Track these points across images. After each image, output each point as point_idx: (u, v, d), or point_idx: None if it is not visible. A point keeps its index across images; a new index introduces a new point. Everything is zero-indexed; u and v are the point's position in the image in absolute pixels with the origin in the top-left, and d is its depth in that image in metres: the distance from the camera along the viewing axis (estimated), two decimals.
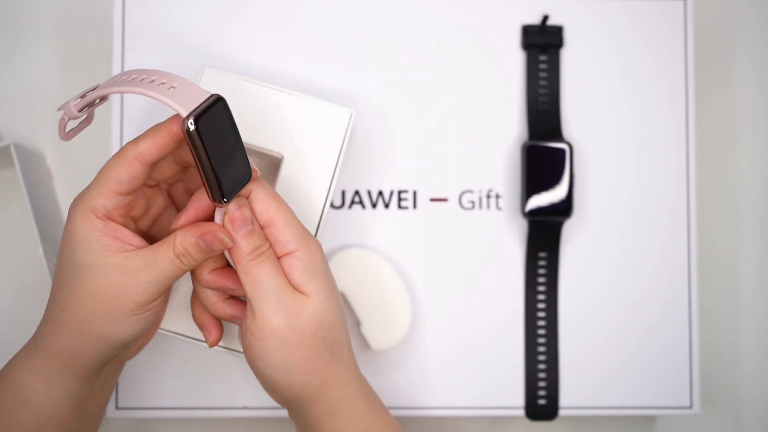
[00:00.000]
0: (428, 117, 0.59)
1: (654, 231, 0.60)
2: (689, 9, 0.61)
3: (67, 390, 0.45)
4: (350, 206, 0.59)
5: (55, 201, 0.63)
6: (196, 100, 0.40)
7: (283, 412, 0.58)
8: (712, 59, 0.66)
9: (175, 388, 0.57)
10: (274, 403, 0.58)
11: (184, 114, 0.39)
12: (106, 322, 0.42)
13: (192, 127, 0.39)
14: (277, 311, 0.42)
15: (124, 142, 0.58)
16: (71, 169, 0.63)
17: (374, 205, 0.59)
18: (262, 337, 0.43)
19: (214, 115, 0.40)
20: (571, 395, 0.59)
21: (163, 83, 0.41)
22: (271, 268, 0.43)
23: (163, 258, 0.42)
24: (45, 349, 0.44)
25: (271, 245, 0.43)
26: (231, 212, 0.43)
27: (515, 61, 0.60)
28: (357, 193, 0.59)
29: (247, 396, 0.58)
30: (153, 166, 0.42)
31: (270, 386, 0.45)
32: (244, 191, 0.43)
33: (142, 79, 0.41)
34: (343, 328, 0.45)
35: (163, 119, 0.43)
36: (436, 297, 0.59)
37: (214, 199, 0.41)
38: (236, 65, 0.58)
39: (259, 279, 0.42)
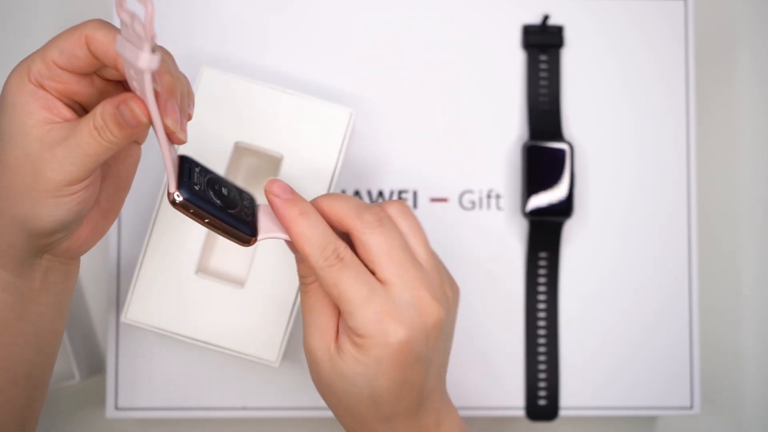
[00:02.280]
0: (428, 117, 0.59)
1: (654, 231, 0.60)
2: (689, 9, 0.61)
3: None
4: None
5: None
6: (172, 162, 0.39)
7: (283, 413, 0.58)
8: (712, 59, 0.66)
9: (175, 388, 0.57)
10: (275, 404, 0.58)
11: (172, 190, 0.39)
12: (22, 201, 0.38)
13: (180, 199, 0.39)
14: (370, 320, 0.39)
15: None
16: None
17: None
18: (353, 350, 0.40)
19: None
20: (571, 395, 0.59)
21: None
22: (355, 270, 0.39)
23: (83, 130, 0.37)
24: None
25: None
26: (268, 184, 0.41)
27: (515, 61, 0.60)
28: (357, 193, 0.59)
29: (247, 396, 0.57)
30: (100, 61, 0.38)
31: (372, 403, 0.41)
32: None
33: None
34: (445, 340, 0.44)
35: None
36: None
37: (245, 243, 0.41)
38: (236, 65, 0.58)
39: (343, 285, 0.39)
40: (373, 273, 0.40)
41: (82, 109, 0.40)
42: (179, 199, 0.38)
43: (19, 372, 0.43)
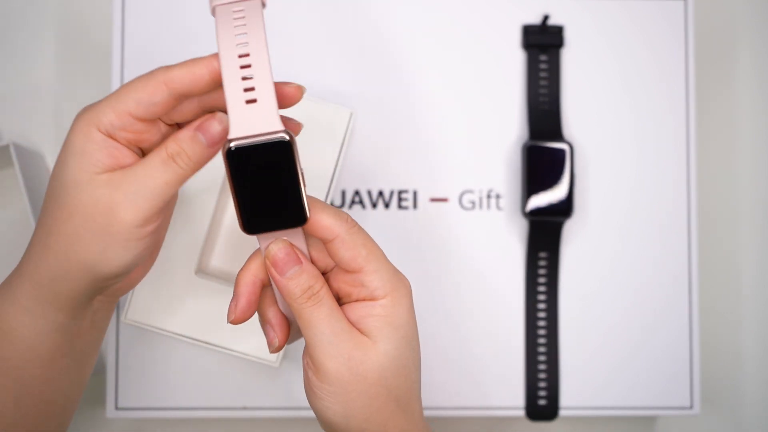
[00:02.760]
0: (428, 117, 0.59)
1: (654, 231, 0.60)
2: (689, 9, 0.61)
3: (51, 323, 0.41)
4: (350, 206, 0.59)
5: None
6: (257, 128, 0.36)
7: (283, 413, 0.58)
8: (712, 59, 0.66)
9: (175, 388, 0.57)
10: (275, 404, 0.58)
11: (231, 135, 0.36)
12: (93, 246, 0.38)
13: (232, 148, 0.36)
14: (334, 356, 0.39)
15: None
16: None
17: (374, 205, 0.59)
18: (320, 379, 0.40)
19: (264, 153, 0.36)
20: (571, 395, 0.59)
21: (247, 89, 0.37)
22: (325, 310, 0.39)
23: (155, 162, 0.38)
24: (28, 277, 0.40)
25: (353, 287, 0.40)
26: (271, 254, 0.39)
27: (515, 61, 0.60)
28: (357, 193, 0.59)
29: (247, 396, 0.57)
30: (179, 99, 0.39)
31: (327, 426, 0.42)
32: (322, 227, 0.39)
33: (242, 66, 0.37)
34: (414, 378, 0.42)
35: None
36: (436, 297, 0.59)
37: (240, 226, 0.38)
38: None
39: (314, 323, 0.39)
40: (356, 271, 0.40)
41: (142, 154, 0.40)
42: (232, 148, 0.36)
43: (57, 403, 0.43)
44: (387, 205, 0.59)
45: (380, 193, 0.59)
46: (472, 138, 0.60)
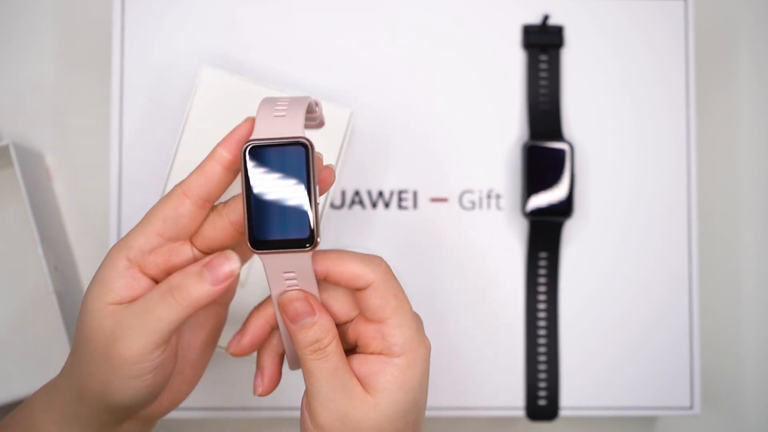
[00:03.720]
0: (428, 117, 0.59)
1: (654, 231, 0.60)
2: (690, 9, 0.61)
3: None
4: (350, 206, 0.59)
5: (55, 201, 0.63)
6: (279, 132, 0.37)
7: (283, 414, 0.58)
8: (712, 59, 0.66)
9: None
10: (275, 404, 0.58)
11: (252, 136, 0.37)
12: (98, 377, 0.38)
13: (250, 146, 0.36)
14: (331, 411, 0.38)
15: (124, 139, 0.58)
16: (70, 169, 0.63)
17: (374, 205, 0.59)
18: (314, 425, 0.39)
19: (283, 155, 0.36)
20: (571, 395, 0.59)
21: (279, 107, 0.38)
22: (329, 366, 0.38)
23: (154, 295, 0.37)
24: (60, 390, 0.40)
25: (372, 338, 0.39)
26: (283, 303, 0.39)
27: (516, 60, 0.60)
28: (357, 193, 0.59)
29: (247, 396, 0.57)
30: (203, 205, 0.38)
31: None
32: (355, 275, 0.39)
33: (274, 105, 0.38)
34: None
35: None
36: (435, 297, 0.59)
37: (247, 241, 0.37)
38: (236, 65, 0.58)
39: (316, 376, 0.38)
40: (381, 321, 0.40)
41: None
42: (247, 149, 0.36)
43: None
44: (387, 205, 0.59)
45: (380, 193, 0.59)
46: (472, 138, 0.60)
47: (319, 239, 0.37)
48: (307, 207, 0.37)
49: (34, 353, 0.60)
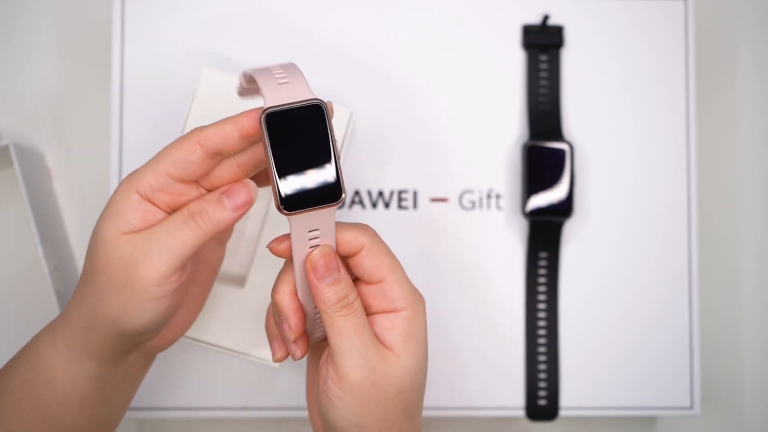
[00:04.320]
0: (428, 117, 0.59)
1: (654, 231, 0.60)
2: (689, 9, 0.61)
3: (84, 372, 0.42)
4: (350, 206, 0.59)
5: (55, 201, 0.63)
6: (290, 97, 0.38)
7: (283, 413, 0.58)
8: (712, 59, 0.66)
9: (176, 388, 0.57)
10: (275, 404, 0.58)
11: (266, 105, 0.38)
12: (115, 303, 0.39)
13: (263, 117, 0.37)
14: (361, 368, 0.40)
15: (124, 139, 0.58)
16: (71, 169, 0.63)
17: (374, 205, 0.59)
18: (341, 388, 0.40)
19: (300, 118, 0.38)
20: (571, 395, 0.59)
21: (278, 76, 0.39)
22: (358, 321, 0.40)
23: (176, 219, 0.39)
24: (67, 323, 0.42)
25: (374, 298, 0.41)
26: (314, 260, 0.40)
27: (516, 60, 0.60)
28: (357, 193, 0.59)
29: (247, 396, 0.57)
30: (214, 158, 0.40)
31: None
32: (348, 241, 0.41)
33: (271, 74, 0.39)
34: (423, 391, 0.43)
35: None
36: (435, 297, 0.59)
37: (277, 205, 0.38)
38: (236, 65, 0.58)
39: (346, 332, 0.40)
40: (379, 281, 0.41)
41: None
42: (263, 117, 0.37)
43: None
44: (387, 205, 0.59)
45: (380, 193, 0.59)
46: (472, 138, 0.60)
47: (344, 194, 0.39)
48: (331, 163, 0.38)
49: None
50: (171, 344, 0.46)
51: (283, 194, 0.38)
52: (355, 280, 0.42)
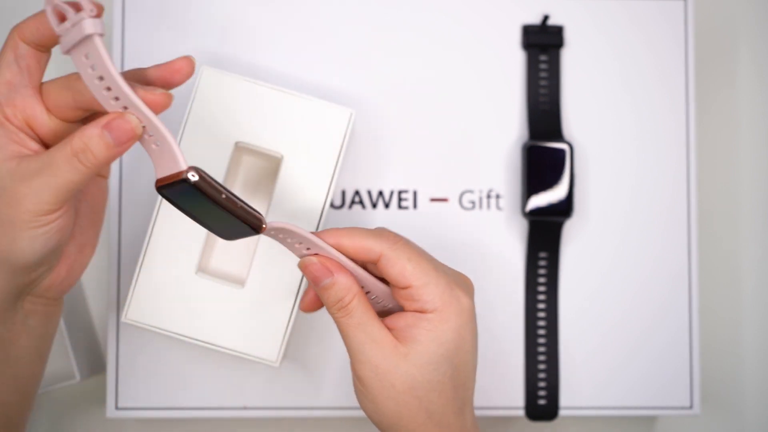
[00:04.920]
0: (428, 117, 0.59)
1: (654, 231, 0.60)
2: (689, 9, 0.61)
3: None
4: (350, 206, 0.59)
5: None
6: (168, 168, 0.38)
7: (283, 413, 0.58)
8: (712, 59, 0.66)
9: (175, 388, 0.57)
10: (275, 404, 0.58)
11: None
12: (2, 238, 0.39)
13: (195, 179, 0.37)
14: (364, 363, 0.41)
15: None
16: None
17: (374, 205, 0.59)
18: (356, 379, 0.43)
19: (184, 191, 0.38)
20: (571, 395, 0.59)
21: (150, 136, 0.39)
22: (354, 321, 0.42)
23: (60, 157, 0.38)
24: None
25: (406, 300, 0.42)
26: (303, 264, 0.42)
27: (515, 60, 0.60)
28: (357, 193, 0.59)
29: (247, 396, 0.57)
30: (39, 49, 0.40)
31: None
32: (362, 249, 0.42)
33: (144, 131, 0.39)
34: (450, 396, 0.42)
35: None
36: None
37: (255, 227, 0.39)
38: (236, 65, 0.58)
39: (346, 332, 0.42)
40: (406, 287, 0.42)
41: (46, 147, 0.41)
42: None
43: None
44: (387, 205, 0.59)
45: (380, 193, 0.59)
46: (472, 138, 0.60)
47: (264, 225, 0.40)
48: (234, 211, 0.39)
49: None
50: (68, 288, 0.45)
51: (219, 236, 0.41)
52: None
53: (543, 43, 0.60)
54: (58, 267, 0.44)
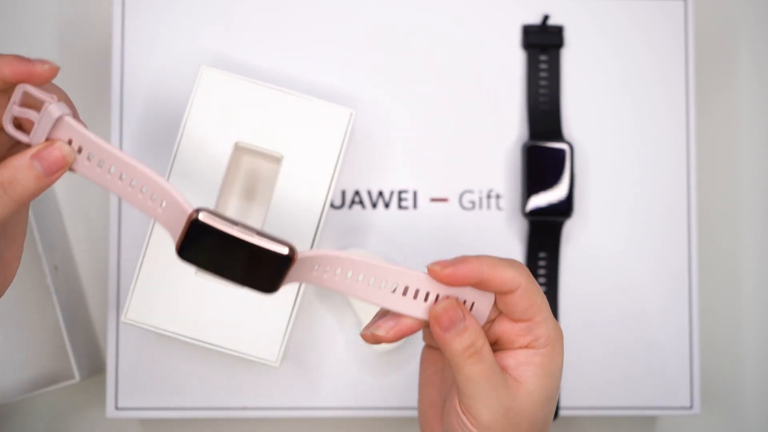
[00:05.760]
0: (428, 117, 0.59)
1: (654, 231, 0.60)
2: (689, 9, 0.61)
3: None
4: (350, 206, 0.59)
5: (55, 200, 0.63)
6: (179, 224, 0.37)
7: (283, 413, 0.58)
8: (712, 59, 0.66)
9: (175, 388, 0.57)
10: (275, 404, 0.58)
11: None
12: None
13: (182, 256, 0.37)
14: (493, 408, 0.40)
15: (124, 139, 0.58)
16: None
17: (374, 205, 0.59)
18: (476, 427, 0.40)
19: (199, 237, 0.37)
20: (571, 395, 0.59)
21: (153, 199, 0.38)
22: (486, 366, 0.40)
23: None
24: None
25: (518, 335, 0.41)
26: (436, 313, 0.39)
27: (515, 60, 0.60)
28: (357, 193, 0.59)
29: (247, 396, 0.57)
30: None
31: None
32: (505, 280, 0.40)
33: (131, 183, 0.38)
34: (551, 419, 0.43)
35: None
36: None
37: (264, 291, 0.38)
38: (236, 65, 0.58)
39: (475, 378, 0.40)
40: (528, 319, 0.41)
41: None
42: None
43: None
44: (387, 205, 0.59)
45: (380, 193, 0.59)
46: (472, 138, 0.60)
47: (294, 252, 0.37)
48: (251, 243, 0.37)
49: (33, 353, 0.60)
50: None
51: (264, 284, 0.38)
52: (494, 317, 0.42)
53: (543, 43, 0.60)
54: None
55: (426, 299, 0.40)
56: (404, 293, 0.39)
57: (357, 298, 0.40)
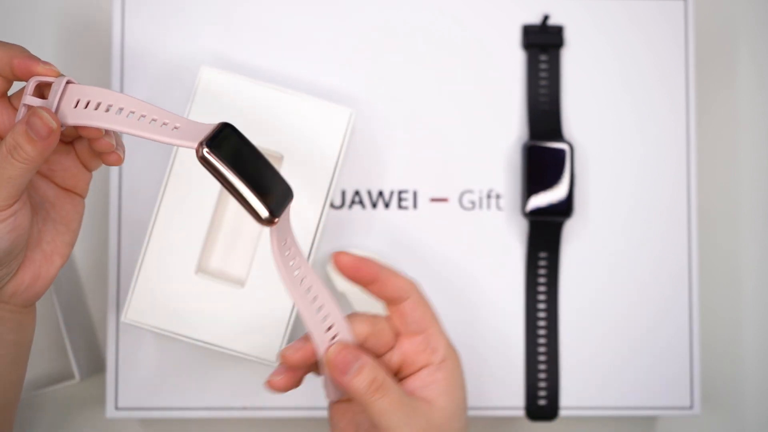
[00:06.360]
0: (428, 117, 0.59)
1: (654, 231, 0.60)
2: (689, 9, 0.61)
3: None
4: (350, 206, 0.59)
5: None
6: (202, 133, 0.39)
7: (283, 413, 0.58)
8: (712, 59, 0.66)
9: (175, 388, 0.57)
10: (275, 404, 0.58)
11: (194, 146, 0.38)
12: None
13: (206, 152, 0.38)
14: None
15: (124, 138, 0.57)
16: None
17: (374, 205, 0.59)
18: None
19: (226, 139, 0.39)
20: (571, 395, 0.59)
21: (165, 124, 0.40)
22: (394, 396, 0.41)
23: None
24: None
25: (418, 352, 0.43)
26: (330, 358, 0.41)
27: (516, 60, 0.60)
28: (357, 193, 0.59)
29: (247, 396, 0.57)
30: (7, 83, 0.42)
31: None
32: (399, 287, 0.43)
33: (140, 118, 0.40)
34: (466, 428, 0.44)
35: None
36: (435, 297, 0.58)
37: (262, 221, 0.39)
38: (236, 65, 0.58)
39: (386, 411, 0.41)
40: (422, 332, 0.43)
41: None
42: (206, 152, 0.38)
43: None
44: (387, 205, 0.59)
45: (380, 193, 0.59)
46: (472, 138, 0.60)
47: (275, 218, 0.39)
48: (272, 168, 0.41)
49: (33, 353, 0.60)
50: (36, 295, 0.44)
51: (270, 206, 0.39)
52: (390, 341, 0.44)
53: (543, 43, 0.60)
54: (22, 272, 0.43)
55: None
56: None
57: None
